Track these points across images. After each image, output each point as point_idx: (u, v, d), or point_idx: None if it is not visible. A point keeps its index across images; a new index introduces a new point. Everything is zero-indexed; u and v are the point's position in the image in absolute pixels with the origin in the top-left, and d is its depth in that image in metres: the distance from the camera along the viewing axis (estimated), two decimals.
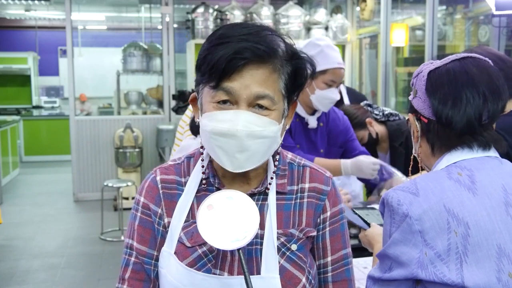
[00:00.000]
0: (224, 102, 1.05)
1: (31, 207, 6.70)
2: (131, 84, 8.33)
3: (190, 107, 2.57)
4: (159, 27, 7.72)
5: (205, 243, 1.10)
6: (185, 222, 1.13)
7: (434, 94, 1.19)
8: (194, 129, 2.20)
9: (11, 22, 12.07)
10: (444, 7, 6.08)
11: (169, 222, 1.14)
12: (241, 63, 1.02)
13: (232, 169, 1.06)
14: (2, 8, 10.82)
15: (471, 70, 1.18)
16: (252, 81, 1.03)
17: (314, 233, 1.16)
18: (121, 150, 6.70)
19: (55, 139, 10.25)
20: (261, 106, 1.05)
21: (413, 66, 6.44)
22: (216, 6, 6.56)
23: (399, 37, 5.77)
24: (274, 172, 1.15)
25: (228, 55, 1.01)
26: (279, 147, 1.14)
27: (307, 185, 1.18)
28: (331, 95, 2.41)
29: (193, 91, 1.18)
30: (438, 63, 1.23)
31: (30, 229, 5.75)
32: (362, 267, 2.13)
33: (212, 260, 1.10)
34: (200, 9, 6.36)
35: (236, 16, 6.22)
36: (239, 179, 1.14)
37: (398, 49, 6.59)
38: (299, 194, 1.17)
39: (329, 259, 1.19)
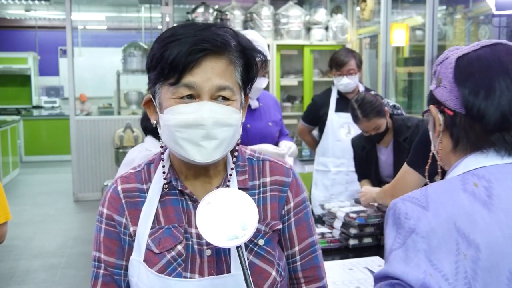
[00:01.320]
0: (187, 97, 1.06)
1: (31, 207, 6.70)
2: (131, 84, 8.34)
3: None
4: (159, 27, 7.72)
5: (173, 248, 1.10)
6: (151, 228, 1.12)
7: (464, 83, 1.05)
8: (148, 129, 2.18)
9: (11, 22, 12.07)
10: (444, 7, 6.07)
11: (134, 231, 1.13)
12: (201, 54, 1.03)
13: (201, 159, 1.06)
14: (2, 8, 10.82)
15: (504, 58, 1.06)
16: (212, 73, 1.05)
17: (280, 226, 1.17)
18: (121, 150, 6.70)
19: (55, 139, 10.25)
20: (223, 98, 1.07)
21: (413, 66, 6.44)
22: (216, 6, 6.55)
23: (399, 37, 5.77)
24: (232, 169, 1.15)
25: (187, 48, 1.03)
26: (239, 140, 1.14)
27: (268, 179, 1.18)
28: (257, 85, 2.57)
29: None
30: (466, 49, 1.10)
31: (30, 229, 5.75)
32: (362, 267, 2.13)
33: (182, 264, 1.10)
34: (200, 9, 6.35)
35: (236, 16, 6.21)
36: (201, 179, 1.15)
37: (398, 49, 6.59)
38: (261, 189, 1.17)
39: (296, 248, 1.19)
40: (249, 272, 0.96)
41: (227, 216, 0.99)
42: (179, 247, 1.10)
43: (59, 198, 7.20)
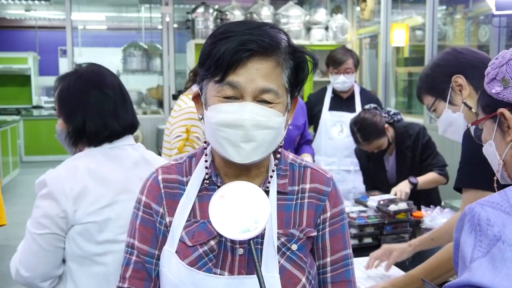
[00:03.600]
0: (230, 97, 1.06)
1: (31, 207, 6.64)
2: (131, 84, 8.32)
3: (175, 107, 2.58)
4: (159, 27, 7.72)
5: (206, 243, 1.10)
6: (186, 221, 1.13)
7: None
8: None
9: (11, 22, 12.09)
10: (444, 7, 6.08)
11: (170, 222, 1.14)
12: (246, 54, 1.03)
13: (239, 160, 1.06)
14: (2, 8, 10.83)
15: None
16: (257, 75, 1.04)
17: (315, 233, 1.16)
18: None
19: (55, 139, 10.20)
20: (265, 100, 1.06)
21: (413, 66, 6.44)
22: (216, 6, 6.56)
23: (399, 37, 5.77)
24: (273, 171, 1.15)
25: (234, 47, 1.02)
26: (282, 141, 1.14)
27: (307, 186, 1.17)
28: None
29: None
30: None
31: None
32: (362, 266, 2.13)
33: (213, 259, 1.10)
34: (200, 9, 6.35)
35: (236, 16, 6.21)
36: (242, 178, 1.13)
37: (398, 49, 6.59)
38: (300, 195, 1.17)
39: (328, 259, 1.18)
40: (260, 267, 0.95)
41: (240, 209, 0.98)
42: (212, 242, 1.10)
43: None
